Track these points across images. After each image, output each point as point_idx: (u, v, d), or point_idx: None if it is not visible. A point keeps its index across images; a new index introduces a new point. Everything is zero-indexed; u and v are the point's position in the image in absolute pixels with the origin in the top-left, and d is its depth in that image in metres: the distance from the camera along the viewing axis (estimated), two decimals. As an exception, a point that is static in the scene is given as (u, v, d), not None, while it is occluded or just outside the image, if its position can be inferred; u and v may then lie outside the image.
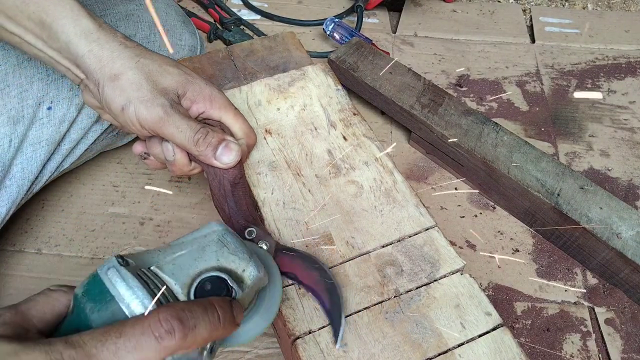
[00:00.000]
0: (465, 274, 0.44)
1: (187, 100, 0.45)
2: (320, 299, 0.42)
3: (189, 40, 0.70)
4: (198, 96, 0.45)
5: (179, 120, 0.43)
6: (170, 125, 0.43)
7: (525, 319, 0.57)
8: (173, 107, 0.43)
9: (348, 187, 0.50)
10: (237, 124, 0.48)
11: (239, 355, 0.54)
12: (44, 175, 0.57)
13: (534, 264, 0.62)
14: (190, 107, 0.46)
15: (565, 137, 0.76)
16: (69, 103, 0.55)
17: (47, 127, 0.55)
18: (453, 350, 0.40)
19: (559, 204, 0.59)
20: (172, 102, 0.43)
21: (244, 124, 0.48)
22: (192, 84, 0.45)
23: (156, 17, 0.66)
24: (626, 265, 0.56)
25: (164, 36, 0.66)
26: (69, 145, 0.58)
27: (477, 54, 0.89)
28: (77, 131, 0.58)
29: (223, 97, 0.47)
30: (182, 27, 0.70)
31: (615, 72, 0.86)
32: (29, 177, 0.55)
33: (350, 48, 0.77)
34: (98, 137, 0.62)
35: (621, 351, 0.55)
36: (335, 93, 0.58)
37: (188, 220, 0.65)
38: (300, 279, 0.43)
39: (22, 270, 0.60)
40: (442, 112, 0.68)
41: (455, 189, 0.69)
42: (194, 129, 0.43)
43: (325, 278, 0.42)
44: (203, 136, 0.43)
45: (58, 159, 0.58)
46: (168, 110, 0.43)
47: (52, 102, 0.54)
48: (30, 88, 0.53)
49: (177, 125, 0.43)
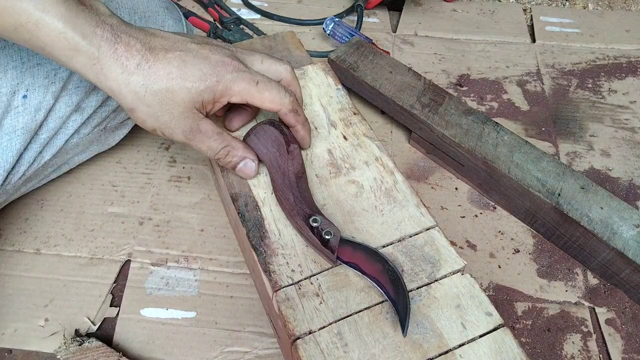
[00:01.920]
0: (465, 274, 0.44)
1: (208, 104, 0.46)
2: (385, 289, 0.42)
3: (173, 27, 0.67)
4: (215, 95, 0.46)
5: (199, 143, 0.47)
6: (193, 146, 0.47)
7: (526, 319, 0.57)
8: (193, 131, 0.46)
9: (348, 186, 0.50)
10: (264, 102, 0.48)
11: (239, 356, 0.54)
12: (21, 165, 0.56)
13: (534, 264, 0.62)
14: (214, 106, 0.47)
15: (566, 136, 0.76)
16: (45, 91, 0.54)
17: (22, 116, 0.53)
18: (454, 351, 0.40)
19: (559, 203, 0.59)
20: (192, 125, 0.46)
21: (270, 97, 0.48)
22: (205, 92, 0.45)
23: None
24: (627, 265, 0.56)
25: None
26: (47, 134, 0.56)
27: (478, 53, 0.89)
28: (55, 120, 0.56)
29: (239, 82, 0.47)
30: (165, 13, 0.66)
31: (615, 72, 0.86)
32: (5, 166, 0.54)
33: (350, 47, 0.76)
34: (80, 129, 0.59)
35: (622, 351, 0.55)
36: (336, 92, 0.58)
37: (187, 220, 0.64)
38: (363, 269, 0.44)
39: (21, 270, 0.60)
40: (442, 111, 0.68)
41: (455, 189, 0.69)
42: (214, 151, 0.47)
43: (389, 269, 0.43)
44: (223, 157, 0.48)
45: (36, 148, 0.56)
46: (189, 136, 0.46)
47: (28, 90, 0.53)
48: (4, 76, 0.52)
49: (199, 147, 0.47)
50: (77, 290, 0.58)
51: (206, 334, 0.55)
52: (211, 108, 0.47)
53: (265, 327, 0.56)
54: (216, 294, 0.58)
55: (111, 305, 0.57)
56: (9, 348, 0.54)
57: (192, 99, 0.45)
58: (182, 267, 0.60)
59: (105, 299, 0.58)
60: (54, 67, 0.53)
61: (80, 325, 0.55)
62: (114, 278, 0.59)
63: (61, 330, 0.55)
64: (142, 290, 0.58)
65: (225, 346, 0.54)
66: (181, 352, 0.54)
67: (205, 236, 0.63)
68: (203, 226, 0.64)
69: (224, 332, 0.55)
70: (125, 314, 0.57)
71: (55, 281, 0.59)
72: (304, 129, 0.51)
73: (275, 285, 0.43)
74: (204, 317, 0.56)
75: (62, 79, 0.54)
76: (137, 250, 0.62)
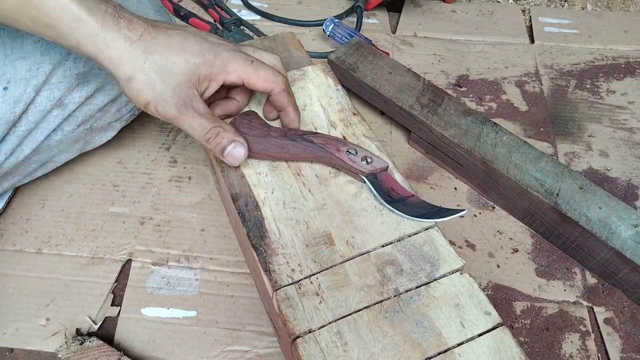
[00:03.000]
0: (464, 274, 0.44)
1: (205, 80, 0.48)
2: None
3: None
4: (213, 71, 0.48)
5: (191, 119, 0.46)
6: (184, 123, 0.47)
7: (525, 318, 0.57)
8: (187, 105, 0.46)
9: (348, 186, 0.50)
10: (259, 81, 0.49)
11: (239, 355, 0.54)
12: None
13: (533, 264, 0.62)
14: (209, 85, 0.48)
15: (565, 137, 0.76)
16: (26, 84, 0.54)
17: (0, 107, 0.53)
18: (453, 350, 0.40)
19: (558, 203, 0.59)
20: (186, 100, 0.46)
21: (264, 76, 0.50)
22: (202, 65, 0.47)
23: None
24: (625, 264, 0.56)
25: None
26: (26, 127, 0.56)
27: (477, 54, 0.89)
28: (35, 113, 0.56)
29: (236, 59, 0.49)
30: (155, 15, 0.66)
31: (614, 73, 0.86)
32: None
33: (350, 48, 0.77)
34: (62, 125, 0.59)
35: (620, 350, 0.55)
36: (335, 93, 0.58)
37: (188, 220, 0.65)
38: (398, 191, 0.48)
39: (22, 270, 0.60)
40: (441, 112, 0.68)
41: (454, 189, 0.69)
42: (205, 129, 0.47)
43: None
44: (213, 136, 0.47)
45: (14, 140, 0.56)
46: (182, 110, 0.46)
47: (9, 82, 0.53)
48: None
49: (190, 123, 0.47)
50: (78, 289, 0.59)
51: (207, 333, 0.55)
52: (206, 87, 0.48)
53: (265, 326, 0.56)
54: (217, 293, 0.59)
55: (112, 305, 0.58)
56: (10, 347, 0.55)
57: (190, 71, 0.46)
58: (183, 266, 0.61)
59: (107, 298, 0.58)
60: (37, 60, 0.54)
61: (82, 324, 0.56)
62: (115, 277, 0.60)
63: (62, 330, 0.55)
64: (143, 290, 0.59)
65: (226, 345, 0.55)
66: (182, 351, 0.54)
67: (206, 236, 0.63)
68: (204, 226, 0.64)
69: (225, 331, 0.56)
70: (126, 313, 0.57)
71: (57, 281, 0.59)
72: (295, 111, 0.52)
73: (275, 284, 0.44)
74: (205, 317, 0.57)
75: (44, 73, 0.54)
76: (138, 249, 0.62)
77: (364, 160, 0.48)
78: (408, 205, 0.47)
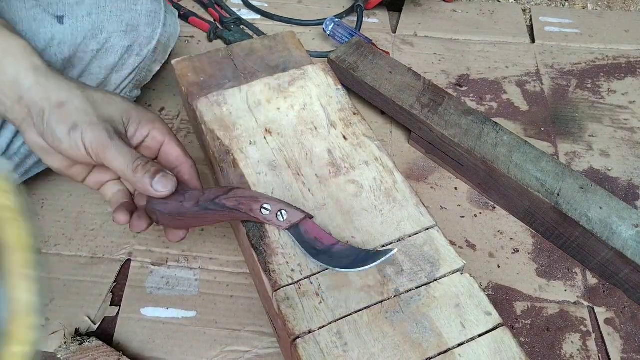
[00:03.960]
0: (465, 274, 0.44)
1: (133, 124, 0.47)
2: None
3: (147, 5, 0.63)
4: (142, 120, 0.47)
5: (121, 146, 0.44)
6: (113, 149, 0.44)
7: (525, 318, 0.57)
8: (117, 134, 0.45)
9: (348, 186, 0.50)
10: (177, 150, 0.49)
11: (239, 355, 0.54)
12: None
13: (533, 264, 0.62)
14: (136, 131, 0.47)
15: (565, 137, 0.76)
16: None
17: None
18: (453, 350, 0.40)
19: (558, 203, 0.59)
20: (117, 131, 0.45)
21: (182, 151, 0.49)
22: (136, 110, 0.47)
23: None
24: (626, 265, 0.56)
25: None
26: None
27: (477, 53, 0.89)
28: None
29: (164, 123, 0.49)
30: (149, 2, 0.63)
31: (615, 72, 0.86)
32: None
33: (350, 48, 0.77)
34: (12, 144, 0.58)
35: (621, 351, 0.55)
36: (335, 93, 0.58)
37: (188, 220, 0.65)
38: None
39: (22, 270, 0.60)
40: (442, 111, 0.68)
41: (455, 189, 0.69)
42: (134, 156, 0.45)
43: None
44: (143, 163, 0.44)
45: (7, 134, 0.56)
46: (112, 136, 0.44)
47: None
48: None
49: (119, 150, 0.44)
50: (77, 289, 0.58)
51: (206, 333, 0.55)
52: (133, 132, 0.48)
53: (265, 326, 0.56)
54: (216, 293, 0.58)
55: (111, 305, 0.57)
56: (9, 347, 0.54)
57: (122, 109, 0.47)
58: (182, 266, 0.60)
59: (106, 298, 0.58)
60: None
61: (81, 324, 0.56)
62: (114, 277, 0.59)
63: (61, 330, 0.55)
64: (143, 290, 0.58)
65: (225, 345, 0.54)
66: (181, 352, 0.54)
67: (206, 236, 0.63)
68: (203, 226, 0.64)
69: (224, 331, 0.55)
70: (126, 313, 0.57)
71: (56, 280, 0.59)
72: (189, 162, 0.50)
73: (275, 284, 0.43)
74: (204, 317, 0.56)
75: None
76: (137, 249, 0.62)
77: (280, 215, 0.46)
78: (334, 255, 0.45)
